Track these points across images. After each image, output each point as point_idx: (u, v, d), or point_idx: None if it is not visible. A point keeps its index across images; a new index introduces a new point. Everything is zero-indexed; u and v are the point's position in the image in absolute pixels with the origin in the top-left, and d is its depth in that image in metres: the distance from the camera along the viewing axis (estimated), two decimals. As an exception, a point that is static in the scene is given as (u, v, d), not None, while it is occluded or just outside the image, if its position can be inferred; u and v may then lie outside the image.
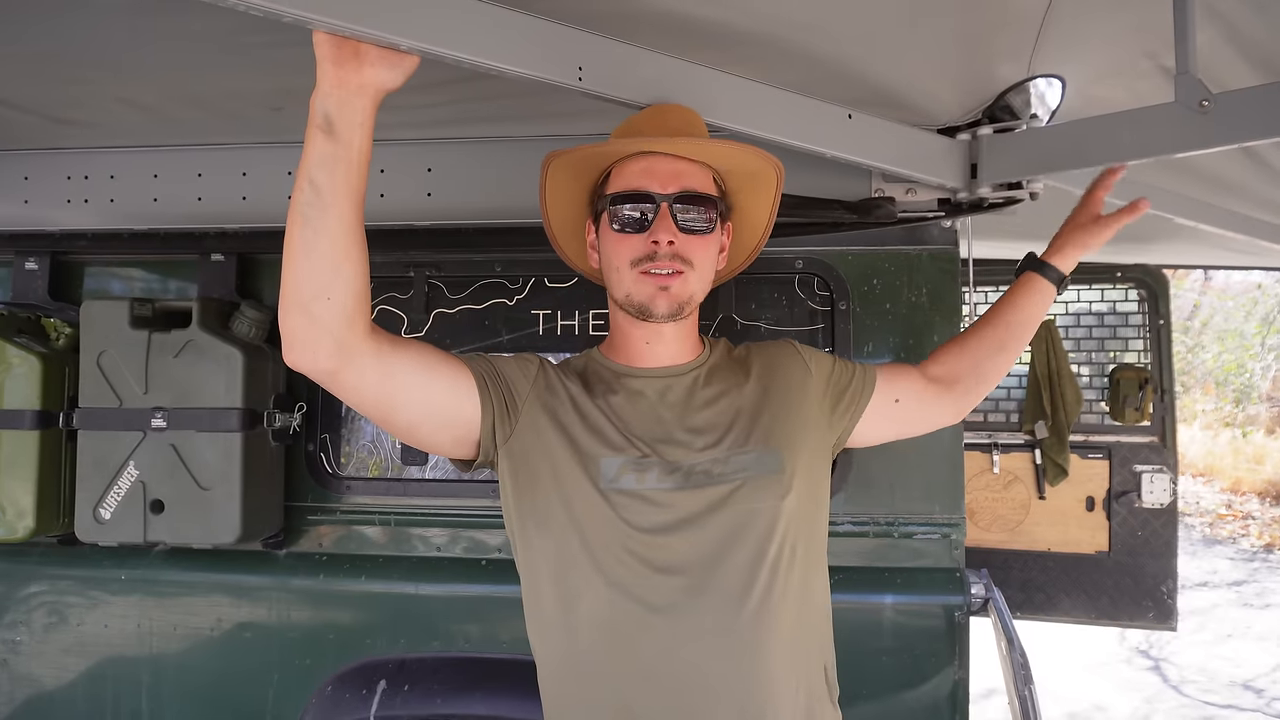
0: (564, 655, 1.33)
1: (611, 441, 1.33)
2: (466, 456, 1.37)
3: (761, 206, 1.51)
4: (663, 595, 1.26)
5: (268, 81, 1.73)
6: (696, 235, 1.34)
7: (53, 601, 2.18)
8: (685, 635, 1.26)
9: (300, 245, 1.10)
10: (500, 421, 1.32)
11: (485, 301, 2.19)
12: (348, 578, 2.12)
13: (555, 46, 1.35)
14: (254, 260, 2.22)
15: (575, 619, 1.30)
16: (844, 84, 1.66)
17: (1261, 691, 5.29)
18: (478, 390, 1.31)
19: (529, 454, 1.33)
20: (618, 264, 1.35)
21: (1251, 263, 3.85)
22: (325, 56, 1.09)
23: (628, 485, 1.30)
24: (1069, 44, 1.58)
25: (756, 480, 1.32)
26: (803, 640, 1.34)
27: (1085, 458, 3.78)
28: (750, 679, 1.26)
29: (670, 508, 1.29)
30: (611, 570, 1.27)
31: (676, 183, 1.33)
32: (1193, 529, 9.76)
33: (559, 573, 1.31)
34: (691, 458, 1.32)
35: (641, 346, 1.41)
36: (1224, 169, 2.17)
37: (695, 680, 1.25)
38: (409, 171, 2.10)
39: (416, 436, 1.32)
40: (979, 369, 1.58)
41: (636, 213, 1.33)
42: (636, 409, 1.37)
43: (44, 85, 1.79)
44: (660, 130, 1.37)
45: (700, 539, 1.28)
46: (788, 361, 1.48)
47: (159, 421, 1.98)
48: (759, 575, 1.28)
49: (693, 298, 1.36)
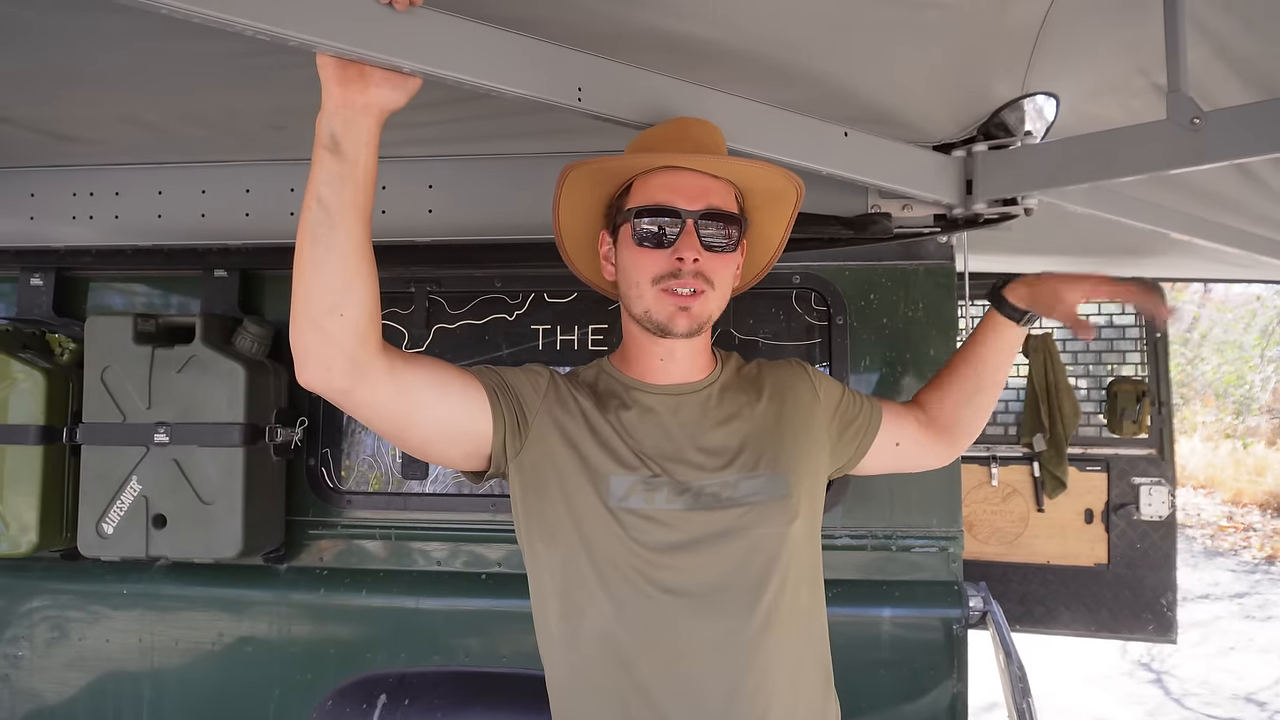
0: (569, 668, 1.33)
1: (622, 459, 1.32)
2: (478, 469, 1.36)
3: (777, 225, 1.50)
4: (667, 614, 1.27)
5: (270, 100, 1.75)
6: (719, 254, 1.33)
7: (55, 616, 2.19)
8: (688, 653, 1.26)
9: (311, 263, 1.11)
10: (511, 436, 1.32)
11: (485, 316, 2.20)
12: (348, 592, 2.13)
13: (555, 68, 1.37)
14: (257, 276, 2.24)
15: (580, 634, 1.30)
16: (840, 102, 1.68)
17: (1265, 704, 5.26)
18: (489, 405, 1.31)
19: (539, 468, 1.33)
20: (638, 279, 1.33)
21: (1248, 276, 3.87)
22: (330, 78, 1.10)
23: (636, 504, 1.30)
24: (1063, 61, 1.60)
25: (766, 505, 1.32)
26: (803, 660, 1.35)
27: (1083, 470, 3.78)
28: (751, 698, 1.26)
29: (678, 528, 1.29)
30: (617, 588, 1.28)
31: (703, 199, 1.32)
32: (1194, 541, 9.74)
33: (565, 587, 1.31)
34: (702, 479, 1.32)
35: (655, 362, 1.40)
36: (1219, 185, 2.19)
37: (696, 698, 1.26)
38: (410, 188, 2.12)
39: (429, 452, 1.33)
40: (961, 420, 1.62)
41: (661, 228, 1.31)
42: (648, 426, 1.36)
43: (48, 103, 1.81)
44: (684, 145, 1.35)
45: (707, 561, 1.29)
46: (798, 384, 1.48)
47: (162, 436, 2.00)
48: (763, 597, 1.29)
49: (711, 316, 1.36)
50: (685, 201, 1.31)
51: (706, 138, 1.38)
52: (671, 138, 1.37)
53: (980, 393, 1.61)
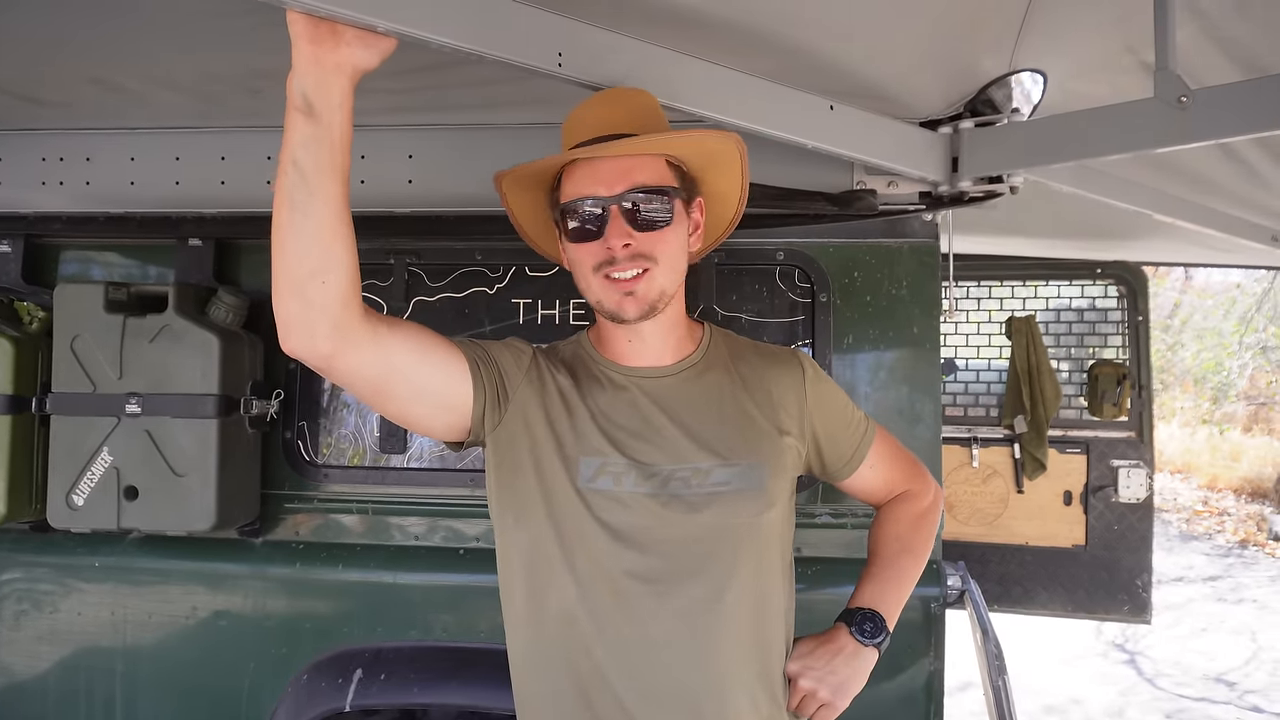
0: (531, 646, 1.33)
1: (592, 441, 1.31)
2: (457, 439, 1.35)
3: (730, 183, 1.44)
4: (629, 598, 1.26)
5: (244, 63, 1.71)
6: (656, 230, 1.29)
7: (25, 589, 2.16)
8: (647, 639, 1.26)
9: (290, 229, 1.08)
10: (491, 409, 1.31)
11: (466, 289, 2.17)
12: (324, 566, 2.11)
13: (534, 31, 1.34)
14: (232, 245, 2.20)
15: (544, 613, 1.30)
16: (825, 75, 1.66)
17: (1234, 685, 5.36)
18: (470, 376, 1.29)
19: (515, 443, 1.32)
20: (583, 271, 1.31)
21: (1230, 260, 3.88)
22: (300, 35, 1.07)
23: (604, 486, 1.28)
24: (1051, 38, 1.58)
25: (737, 495, 1.30)
26: (762, 647, 1.34)
27: (1063, 452, 3.81)
28: (707, 683, 1.27)
29: (644, 513, 1.28)
30: (581, 568, 1.27)
31: (624, 181, 1.27)
32: (1169, 525, 9.87)
33: (532, 564, 1.31)
34: (671, 464, 1.31)
35: (624, 344, 1.38)
36: (1203, 167, 2.19)
37: (652, 680, 1.26)
38: (390, 158, 2.09)
39: (409, 419, 1.31)
40: None
41: (587, 219, 1.28)
42: (621, 409, 1.34)
43: (13, 64, 1.76)
44: (600, 128, 1.31)
45: (671, 548, 1.28)
46: (785, 376, 1.43)
47: (133, 407, 1.96)
48: (728, 585, 1.28)
49: (663, 293, 1.31)
50: (605, 188, 1.27)
51: (625, 115, 1.33)
52: (589, 124, 1.32)
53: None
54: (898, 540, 1.52)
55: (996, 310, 4.07)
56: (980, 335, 4.10)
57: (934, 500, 1.58)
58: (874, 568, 1.51)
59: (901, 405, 2.04)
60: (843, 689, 1.37)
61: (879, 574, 1.49)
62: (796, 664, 1.38)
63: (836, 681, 1.36)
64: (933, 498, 1.58)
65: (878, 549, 1.53)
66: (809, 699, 1.37)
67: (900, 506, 1.56)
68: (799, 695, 1.37)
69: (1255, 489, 10.91)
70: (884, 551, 1.52)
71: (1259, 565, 8.37)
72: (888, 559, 1.51)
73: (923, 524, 1.55)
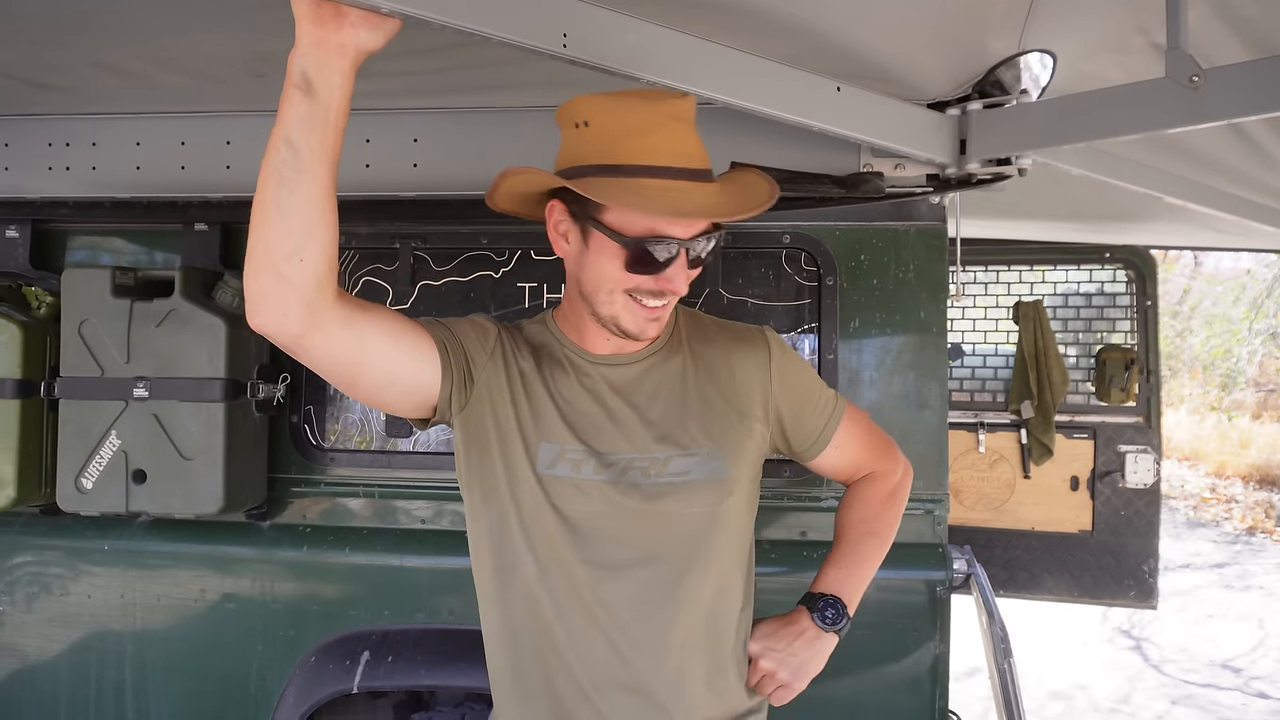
0: (500, 626, 1.34)
1: (552, 426, 1.30)
2: (424, 417, 1.34)
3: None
4: (587, 584, 1.27)
5: (249, 46, 1.70)
6: (701, 265, 1.28)
7: (35, 572, 2.18)
8: (603, 625, 1.27)
9: (274, 205, 1.07)
10: (458, 391, 1.30)
11: (471, 274, 2.17)
12: (332, 549, 2.12)
13: (540, 11, 1.33)
14: (238, 230, 2.19)
15: (510, 592, 1.31)
16: (832, 57, 1.64)
17: (1240, 671, 5.35)
18: (439, 358, 1.28)
19: (482, 425, 1.32)
20: (610, 287, 1.25)
21: (1240, 244, 3.85)
22: (304, 15, 1.06)
23: (563, 472, 1.29)
24: (1060, 18, 1.56)
25: (696, 485, 1.30)
26: (720, 632, 1.35)
27: (1070, 438, 3.80)
28: (662, 669, 1.28)
29: (602, 501, 1.28)
30: (541, 551, 1.28)
31: (701, 225, 1.23)
32: (1177, 512, 9.84)
33: (497, 545, 1.32)
34: (630, 453, 1.30)
35: (600, 340, 1.36)
36: (1214, 149, 2.17)
37: (607, 665, 1.27)
38: (395, 142, 2.07)
39: (377, 400, 1.30)
40: None
41: (655, 256, 1.21)
42: (582, 396, 1.33)
43: (17, 48, 1.75)
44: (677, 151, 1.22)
45: (627, 536, 1.28)
46: (749, 356, 1.40)
47: (141, 391, 1.97)
48: (684, 573, 1.29)
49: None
50: (683, 230, 1.20)
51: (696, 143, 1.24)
52: (661, 145, 1.20)
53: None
54: (862, 522, 1.51)
55: (1004, 295, 4.05)
56: (987, 320, 4.08)
57: (903, 478, 1.57)
58: (839, 551, 1.51)
59: (908, 390, 2.03)
60: (801, 671, 1.40)
61: (843, 558, 1.49)
62: (758, 644, 1.41)
63: (796, 664, 1.39)
64: (901, 475, 1.56)
65: (843, 531, 1.53)
66: (768, 678, 1.39)
67: (868, 487, 1.55)
68: (758, 674, 1.39)
69: (1264, 476, 10.85)
70: (849, 534, 1.51)
71: (1266, 552, 8.34)
72: (852, 541, 1.50)
73: (891, 504, 1.54)
